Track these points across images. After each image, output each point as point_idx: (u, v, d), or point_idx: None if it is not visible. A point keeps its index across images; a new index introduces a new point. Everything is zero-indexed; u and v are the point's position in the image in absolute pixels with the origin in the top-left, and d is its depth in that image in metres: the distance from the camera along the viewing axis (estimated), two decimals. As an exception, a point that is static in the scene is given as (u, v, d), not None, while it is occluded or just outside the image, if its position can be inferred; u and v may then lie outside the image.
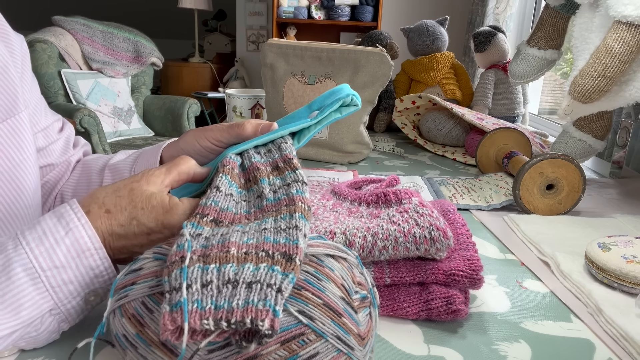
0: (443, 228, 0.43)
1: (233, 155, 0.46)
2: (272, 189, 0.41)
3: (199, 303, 0.29)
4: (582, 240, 0.62)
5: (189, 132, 0.52)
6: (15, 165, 0.48)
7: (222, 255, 0.32)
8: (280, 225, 0.36)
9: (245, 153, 0.46)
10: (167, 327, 0.28)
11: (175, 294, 0.29)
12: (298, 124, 0.48)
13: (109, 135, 2.68)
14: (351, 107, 0.49)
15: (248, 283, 0.30)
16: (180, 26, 4.71)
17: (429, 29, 1.39)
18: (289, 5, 3.07)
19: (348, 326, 0.32)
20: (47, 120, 0.59)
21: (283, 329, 0.30)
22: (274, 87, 1.06)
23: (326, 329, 0.31)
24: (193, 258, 0.32)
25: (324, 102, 0.49)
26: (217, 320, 0.28)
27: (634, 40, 0.66)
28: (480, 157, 0.95)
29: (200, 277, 0.30)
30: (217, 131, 0.50)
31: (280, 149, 0.46)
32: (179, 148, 0.53)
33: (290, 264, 0.32)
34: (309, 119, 0.48)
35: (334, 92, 0.49)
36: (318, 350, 0.31)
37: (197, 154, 0.51)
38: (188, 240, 0.33)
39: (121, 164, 0.58)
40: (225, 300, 0.29)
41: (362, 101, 1.01)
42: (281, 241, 0.34)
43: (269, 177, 0.43)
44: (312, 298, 0.32)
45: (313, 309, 0.31)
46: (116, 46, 2.92)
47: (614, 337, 0.44)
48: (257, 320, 0.28)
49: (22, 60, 0.53)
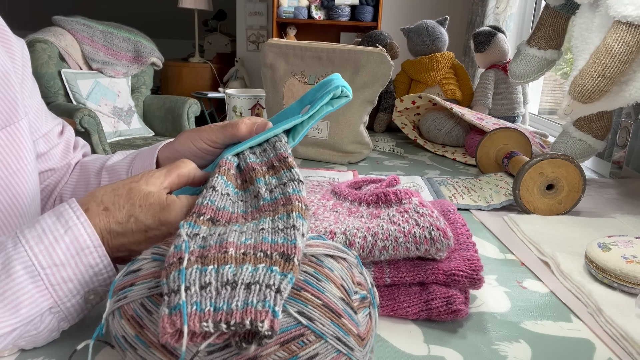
0: (443, 228, 0.43)
1: (230, 156, 0.46)
2: (268, 189, 0.41)
3: (198, 305, 0.29)
4: (582, 240, 0.62)
5: (183, 134, 0.52)
6: (12, 173, 0.48)
7: (220, 256, 0.32)
8: (277, 225, 0.36)
9: (241, 154, 0.46)
10: (167, 330, 0.28)
11: (174, 297, 0.29)
12: (290, 121, 0.47)
13: (109, 135, 2.68)
14: (342, 99, 0.48)
15: (247, 284, 0.30)
16: (180, 26, 4.71)
17: (429, 29, 1.39)
18: (289, 5, 3.07)
19: (348, 327, 0.32)
20: (48, 125, 0.59)
21: (282, 330, 0.30)
22: (274, 87, 1.06)
23: (326, 330, 0.31)
24: (191, 259, 0.32)
25: (314, 96, 0.49)
26: (217, 322, 0.28)
27: (634, 40, 0.66)
28: (480, 157, 0.95)
29: (198, 278, 0.30)
30: (211, 132, 0.49)
31: (275, 148, 0.45)
32: (174, 150, 0.53)
33: (288, 264, 0.32)
34: (301, 115, 0.48)
35: (324, 84, 0.48)
36: (318, 351, 0.31)
37: (192, 155, 0.51)
38: (185, 241, 0.33)
39: (118, 165, 0.58)
40: (224, 301, 0.29)
41: (362, 101, 1.01)
42: (279, 241, 0.34)
43: (265, 177, 0.43)
44: (312, 299, 0.32)
45: (312, 310, 0.31)
46: (116, 46, 2.92)
47: (614, 337, 0.44)
48: (257, 321, 0.28)
49: (22, 65, 0.53)
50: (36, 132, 0.56)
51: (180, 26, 4.71)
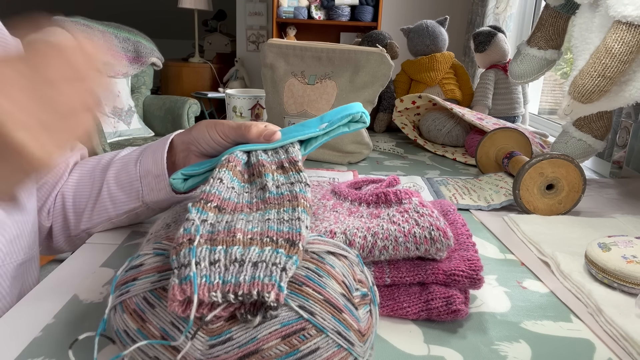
0: (443, 228, 0.43)
1: (239, 153, 0.47)
2: (275, 184, 0.43)
3: (207, 278, 0.30)
4: (582, 240, 0.62)
5: (202, 122, 0.55)
6: None
7: (229, 239, 0.34)
8: (283, 217, 0.37)
9: (253, 152, 0.48)
10: (176, 298, 0.29)
11: (184, 269, 0.30)
12: (307, 133, 0.50)
13: (109, 135, 2.68)
14: (359, 124, 0.52)
15: (254, 262, 0.31)
16: (180, 26, 4.71)
17: (429, 29, 1.39)
18: (289, 5, 3.07)
19: (348, 322, 0.32)
20: None
21: (284, 323, 0.31)
22: (274, 87, 1.06)
23: (327, 324, 0.31)
24: (200, 241, 0.33)
25: (334, 116, 0.52)
26: (225, 293, 0.29)
27: (634, 40, 0.66)
28: (480, 157, 0.95)
29: (208, 256, 0.32)
30: (227, 127, 0.52)
31: (287, 152, 0.48)
32: (190, 136, 0.55)
33: (293, 248, 0.33)
34: (318, 129, 0.51)
35: (345, 108, 0.52)
36: (319, 345, 0.31)
37: (205, 143, 0.54)
38: (197, 224, 0.34)
39: (127, 157, 0.60)
40: (232, 276, 0.30)
41: (362, 101, 1.01)
42: (284, 230, 0.35)
43: (273, 174, 0.44)
44: (313, 294, 0.32)
45: (314, 305, 0.31)
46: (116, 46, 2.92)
47: (614, 337, 0.44)
48: (264, 292, 0.29)
49: None
50: None
51: (180, 26, 4.71)
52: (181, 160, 0.57)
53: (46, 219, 0.61)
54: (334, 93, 1.00)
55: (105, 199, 0.59)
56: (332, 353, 0.31)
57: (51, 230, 0.62)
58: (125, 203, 0.58)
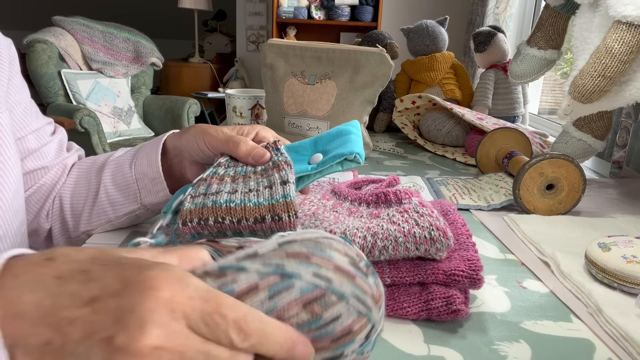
0: (443, 228, 0.43)
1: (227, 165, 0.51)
2: (257, 183, 0.46)
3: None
4: (582, 240, 0.62)
5: (192, 129, 0.53)
6: None
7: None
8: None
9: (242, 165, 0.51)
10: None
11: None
12: (298, 172, 0.48)
13: (109, 135, 2.68)
14: (353, 163, 0.50)
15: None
16: (180, 26, 4.71)
17: (429, 29, 1.39)
18: (288, 5, 3.07)
19: (363, 287, 0.31)
20: (38, 122, 0.59)
21: (303, 291, 0.29)
22: (274, 87, 1.06)
23: (345, 289, 0.30)
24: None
25: (328, 145, 0.51)
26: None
27: (634, 40, 0.66)
28: (480, 157, 0.95)
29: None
30: (215, 139, 0.50)
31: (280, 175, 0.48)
32: (180, 143, 0.55)
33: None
34: (310, 166, 0.49)
35: (341, 132, 0.51)
36: (340, 312, 0.29)
37: (194, 152, 0.53)
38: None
39: (121, 159, 0.59)
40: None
41: (362, 101, 1.01)
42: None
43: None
44: (323, 263, 0.30)
45: (327, 272, 0.30)
46: (116, 46, 2.92)
47: (614, 337, 0.44)
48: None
49: (9, 63, 0.54)
50: (25, 127, 0.56)
51: (180, 26, 4.71)
52: (176, 165, 0.57)
53: (45, 221, 0.60)
54: (334, 93, 1.00)
55: (103, 201, 0.58)
56: (353, 321, 0.30)
57: (51, 232, 0.62)
58: (124, 205, 0.58)
